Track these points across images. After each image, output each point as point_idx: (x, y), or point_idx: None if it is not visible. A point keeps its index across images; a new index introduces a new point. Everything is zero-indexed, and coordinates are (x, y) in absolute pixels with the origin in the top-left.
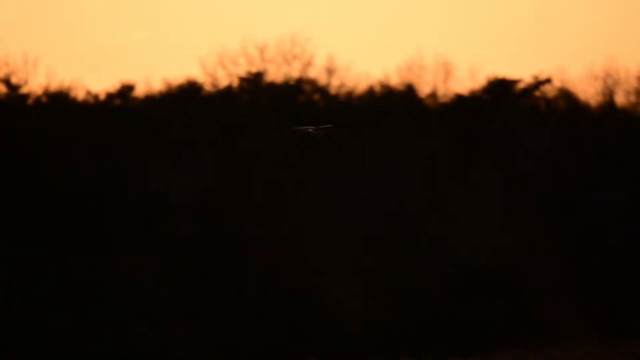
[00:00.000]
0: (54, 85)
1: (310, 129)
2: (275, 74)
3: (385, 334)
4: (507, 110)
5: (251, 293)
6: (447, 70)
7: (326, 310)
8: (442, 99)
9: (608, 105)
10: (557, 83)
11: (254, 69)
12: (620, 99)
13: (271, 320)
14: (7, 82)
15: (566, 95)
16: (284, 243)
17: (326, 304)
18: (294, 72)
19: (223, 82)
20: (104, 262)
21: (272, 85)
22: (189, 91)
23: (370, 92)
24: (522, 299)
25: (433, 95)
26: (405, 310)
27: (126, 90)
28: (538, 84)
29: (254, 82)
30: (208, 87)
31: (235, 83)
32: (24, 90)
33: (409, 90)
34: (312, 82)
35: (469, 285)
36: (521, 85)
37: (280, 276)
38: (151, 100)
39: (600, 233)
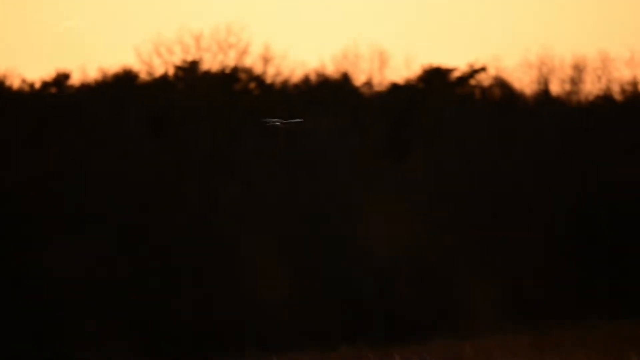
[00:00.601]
0: None
1: (278, 122)
2: (211, 62)
3: (322, 325)
4: (442, 98)
5: (182, 286)
6: (382, 59)
7: (262, 303)
8: (378, 88)
9: (543, 93)
10: (492, 71)
11: (190, 58)
12: (555, 87)
13: (204, 313)
14: None
15: (501, 84)
16: (216, 235)
17: (260, 297)
18: (230, 60)
19: (159, 70)
20: (32, 257)
21: (208, 74)
22: (125, 80)
23: (306, 80)
24: (451, 290)
25: (368, 83)
26: (341, 301)
27: (62, 79)
28: (473, 72)
29: (189, 71)
30: (144, 75)
31: (171, 71)
32: None
33: (345, 79)
34: (248, 71)
35: (402, 276)
36: (456, 74)
37: (210, 269)
38: (87, 89)
39: (529, 223)
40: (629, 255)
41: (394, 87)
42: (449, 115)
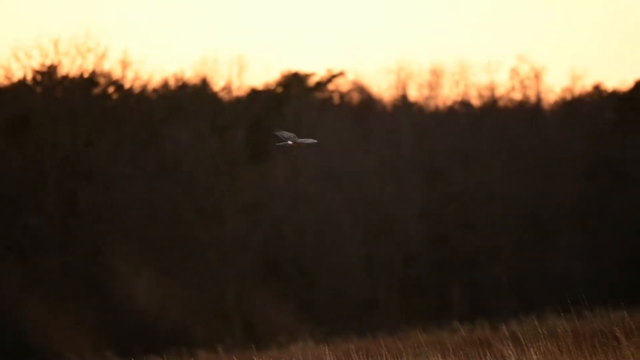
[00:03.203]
0: None
1: (290, 141)
2: (70, 66)
3: (180, 329)
4: (301, 103)
5: (39, 289)
6: (241, 64)
7: (120, 306)
8: (237, 92)
9: (401, 98)
10: (351, 77)
11: (48, 62)
12: (413, 92)
13: (64, 316)
14: None
15: (360, 89)
16: (74, 238)
17: (120, 300)
18: (89, 65)
19: (17, 74)
20: None
21: (67, 78)
22: None
23: (165, 85)
24: (296, 294)
25: (227, 88)
26: (200, 305)
27: None
28: (332, 77)
29: (48, 75)
30: (1, 79)
31: (29, 76)
32: None
33: (204, 84)
34: (107, 75)
35: (262, 280)
36: (315, 79)
37: (69, 273)
38: None
39: (386, 227)
40: (484, 259)
41: (253, 92)
42: (307, 120)
